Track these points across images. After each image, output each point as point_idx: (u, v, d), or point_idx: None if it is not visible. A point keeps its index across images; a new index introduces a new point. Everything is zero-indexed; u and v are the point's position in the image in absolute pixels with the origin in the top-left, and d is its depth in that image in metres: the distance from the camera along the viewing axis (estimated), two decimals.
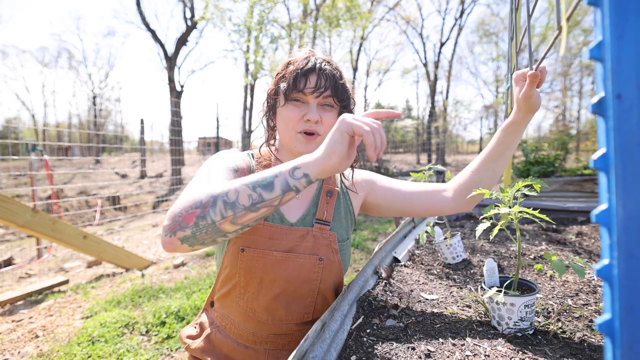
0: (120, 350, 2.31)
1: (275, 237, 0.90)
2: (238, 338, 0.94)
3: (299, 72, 0.85)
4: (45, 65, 35.38)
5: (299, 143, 0.87)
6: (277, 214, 0.92)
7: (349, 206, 1.02)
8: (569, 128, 10.38)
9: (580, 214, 2.05)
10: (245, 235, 0.89)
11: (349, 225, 1.01)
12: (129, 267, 3.98)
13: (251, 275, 0.89)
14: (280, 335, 0.93)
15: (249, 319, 0.92)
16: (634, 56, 0.25)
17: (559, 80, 23.81)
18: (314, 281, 0.92)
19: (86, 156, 21.62)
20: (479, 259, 1.34)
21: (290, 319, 0.92)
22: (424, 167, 1.38)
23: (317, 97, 0.86)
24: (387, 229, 5.94)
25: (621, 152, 0.25)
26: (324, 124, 0.87)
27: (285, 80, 0.87)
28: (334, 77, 0.86)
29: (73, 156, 20.52)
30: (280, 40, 10.70)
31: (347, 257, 0.99)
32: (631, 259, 0.26)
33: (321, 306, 0.95)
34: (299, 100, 0.87)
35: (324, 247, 0.92)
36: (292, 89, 0.85)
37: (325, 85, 0.85)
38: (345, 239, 0.98)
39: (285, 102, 0.87)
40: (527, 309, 0.75)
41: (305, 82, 0.85)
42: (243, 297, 0.92)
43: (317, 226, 0.93)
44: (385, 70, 31.97)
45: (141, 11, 15.20)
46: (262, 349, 0.93)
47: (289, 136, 0.88)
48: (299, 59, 0.88)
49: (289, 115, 0.87)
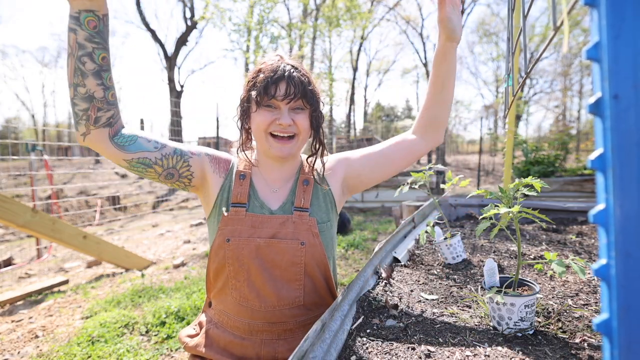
0: (120, 350, 2.31)
1: (257, 225, 0.96)
2: (234, 330, 0.98)
3: (269, 80, 0.89)
4: (45, 65, 35.39)
5: (273, 147, 0.94)
6: (258, 202, 0.99)
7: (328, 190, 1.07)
8: (569, 128, 10.39)
9: (581, 214, 2.05)
10: (230, 226, 0.95)
11: (329, 208, 1.06)
12: (128, 267, 3.98)
13: (239, 263, 0.94)
14: (274, 323, 0.97)
15: (243, 308, 0.96)
16: (631, 56, 0.25)
17: (559, 80, 23.81)
18: (299, 265, 0.97)
19: (86, 156, 21.60)
20: (479, 259, 1.34)
21: (282, 304, 0.96)
22: (424, 167, 1.38)
23: (288, 103, 0.91)
24: (387, 229, 5.94)
25: (618, 152, 0.26)
26: (298, 125, 0.93)
27: (256, 88, 0.91)
28: (303, 84, 0.91)
29: (73, 156, 20.50)
30: (281, 40, 10.70)
31: (328, 239, 1.03)
32: (628, 258, 0.26)
33: (310, 289, 1.00)
34: (270, 105, 0.92)
35: (304, 231, 0.97)
36: (263, 96, 0.90)
37: (294, 92, 0.90)
38: (325, 221, 1.03)
39: (257, 108, 0.92)
40: (527, 309, 0.75)
41: (275, 90, 0.90)
42: (235, 287, 0.96)
43: (296, 213, 0.99)
44: (385, 70, 32.00)
45: (141, 11, 15.22)
46: (258, 340, 0.97)
47: (261, 139, 0.95)
48: (268, 67, 0.92)
49: (262, 119, 0.92)
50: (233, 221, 0.96)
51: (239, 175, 1.01)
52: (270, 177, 1.03)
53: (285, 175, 1.04)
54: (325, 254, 1.01)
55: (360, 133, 21.61)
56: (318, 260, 0.99)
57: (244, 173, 1.01)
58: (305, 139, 0.99)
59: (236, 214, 0.97)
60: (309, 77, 0.95)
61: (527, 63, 0.71)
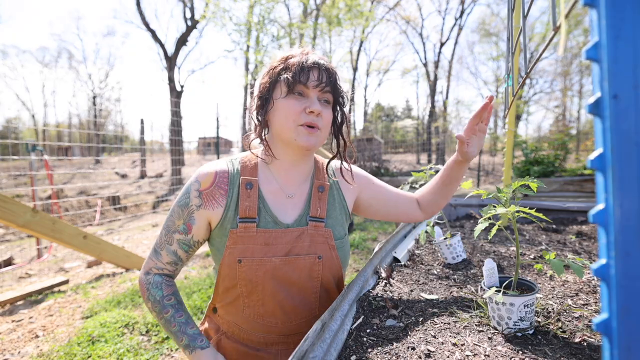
0: (120, 350, 2.31)
1: (271, 242, 0.88)
2: (249, 342, 0.94)
3: (303, 64, 0.85)
4: (45, 65, 35.37)
5: (300, 135, 0.85)
6: (270, 217, 0.90)
7: (343, 201, 1.01)
8: (569, 128, 10.39)
9: (580, 214, 2.05)
10: (240, 244, 0.86)
11: (345, 221, 1.02)
12: (129, 267, 3.98)
13: (252, 285, 0.88)
14: (290, 335, 0.94)
15: (257, 325, 0.92)
16: (631, 57, 0.25)
17: (559, 80, 23.81)
18: (316, 279, 0.92)
19: (86, 156, 21.60)
20: (479, 259, 1.34)
21: (298, 318, 0.93)
22: (425, 167, 1.38)
23: (319, 91, 0.87)
24: (387, 229, 5.94)
25: (618, 152, 0.26)
26: (323, 119, 0.87)
27: (288, 72, 0.85)
28: (333, 75, 0.89)
29: (73, 156, 20.50)
30: (281, 39, 10.70)
31: (345, 253, 0.99)
32: (628, 258, 0.26)
33: (325, 300, 0.96)
34: (300, 93, 0.86)
35: (320, 244, 0.92)
36: (296, 81, 0.84)
37: (326, 80, 0.87)
38: (342, 236, 0.98)
39: (288, 93, 0.86)
40: (527, 309, 0.75)
41: (308, 76, 0.85)
42: (248, 306, 0.91)
43: (312, 224, 0.92)
44: (385, 70, 31.99)
45: (141, 11, 15.20)
46: (273, 350, 0.93)
47: (288, 128, 0.85)
48: (297, 54, 0.88)
49: (291, 107, 0.85)
50: (243, 239, 0.86)
51: (245, 184, 0.89)
52: (284, 177, 0.94)
53: (298, 178, 0.96)
54: (342, 267, 0.97)
55: (360, 133, 21.59)
56: (334, 273, 0.95)
57: (251, 181, 0.90)
58: (326, 136, 0.93)
59: (246, 230, 0.87)
60: (336, 71, 0.92)
61: (527, 63, 0.71)
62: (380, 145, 14.72)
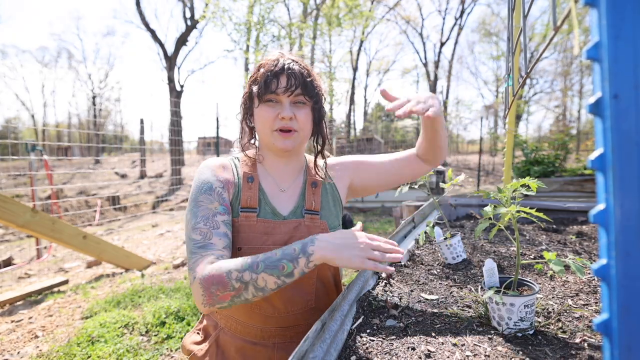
0: (120, 350, 2.31)
1: (269, 231, 0.93)
2: (245, 335, 0.96)
3: (269, 74, 0.89)
4: (45, 65, 35.35)
5: (277, 140, 0.92)
6: (270, 208, 0.96)
7: (336, 193, 1.06)
8: (569, 128, 10.39)
9: (581, 214, 2.05)
10: (241, 233, 0.91)
11: (338, 212, 1.06)
12: (128, 267, 3.98)
13: None
14: (287, 327, 0.96)
15: (254, 315, 0.94)
16: (631, 56, 0.25)
17: (559, 80, 23.82)
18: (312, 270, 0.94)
19: (86, 156, 21.61)
20: (479, 259, 1.34)
21: (295, 309, 0.95)
22: None
23: (289, 95, 0.90)
24: (387, 229, 5.94)
25: (618, 152, 0.25)
26: (299, 121, 0.92)
27: (257, 83, 0.91)
28: (303, 76, 0.91)
29: (73, 156, 20.49)
30: (281, 39, 10.70)
31: None
32: (629, 258, 0.26)
33: (322, 292, 0.99)
34: (272, 100, 0.91)
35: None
36: (264, 91, 0.90)
37: (295, 84, 0.90)
38: (336, 226, 1.02)
39: (260, 103, 0.92)
40: (527, 309, 0.75)
41: (277, 83, 0.89)
42: None
43: (308, 217, 0.97)
44: (385, 70, 32.02)
45: (141, 11, 15.21)
46: (270, 344, 0.95)
47: (265, 134, 0.93)
48: (269, 62, 0.92)
49: (265, 115, 0.91)
50: (244, 227, 0.92)
51: (247, 177, 0.97)
52: (277, 174, 1.01)
53: (291, 174, 1.02)
54: None
55: (360, 133, 21.61)
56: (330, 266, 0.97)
57: (252, 175, 0.98)
58: (307, 136, 0.98)
59: (247, 219, 0.93)
60: (309, 70, 0.95)
61: (528, 63, 0.71)
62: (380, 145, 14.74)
